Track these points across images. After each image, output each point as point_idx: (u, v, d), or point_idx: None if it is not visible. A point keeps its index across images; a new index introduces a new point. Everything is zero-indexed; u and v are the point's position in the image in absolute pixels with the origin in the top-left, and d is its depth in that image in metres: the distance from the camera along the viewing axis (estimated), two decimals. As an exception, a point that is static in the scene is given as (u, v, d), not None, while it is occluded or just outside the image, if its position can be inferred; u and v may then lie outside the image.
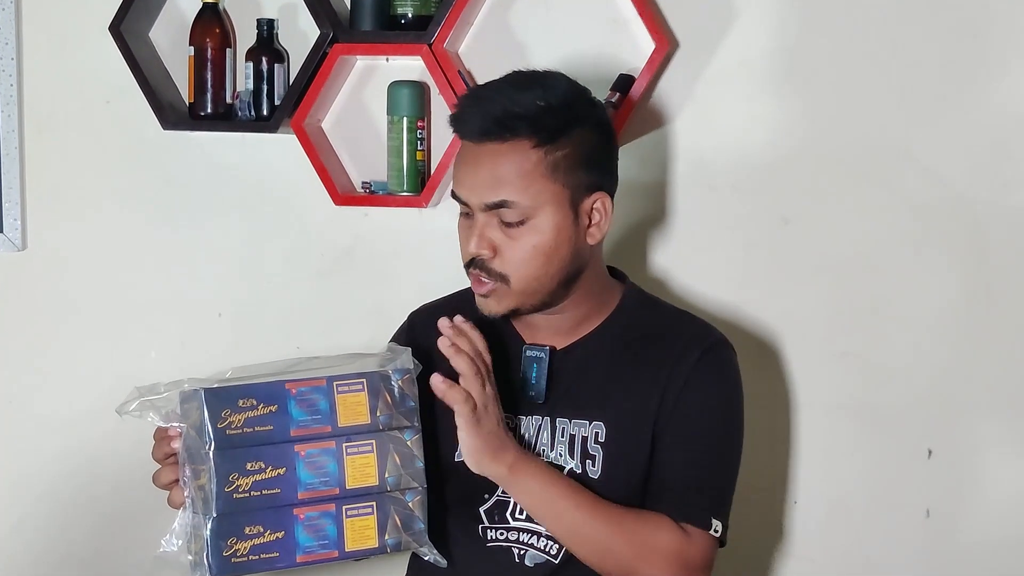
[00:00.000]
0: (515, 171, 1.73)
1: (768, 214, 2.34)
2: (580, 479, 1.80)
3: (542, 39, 2.35)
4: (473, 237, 1.76)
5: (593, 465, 1.80)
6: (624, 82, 2.27)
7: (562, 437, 1.82)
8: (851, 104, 2.31)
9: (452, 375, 1.74)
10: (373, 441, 1.68)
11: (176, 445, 1.66)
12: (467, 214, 1.79)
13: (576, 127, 1.76)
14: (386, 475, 1.69)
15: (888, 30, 2.28)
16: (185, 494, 1.65)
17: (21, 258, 2.55)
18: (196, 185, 2.50)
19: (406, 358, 1.73)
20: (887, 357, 2.33)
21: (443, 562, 1.74)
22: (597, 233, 1.80)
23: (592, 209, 1.79)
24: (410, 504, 1.71)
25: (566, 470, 1.81)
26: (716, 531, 1.79)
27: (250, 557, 1.62)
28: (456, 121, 1.79)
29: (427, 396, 1.81)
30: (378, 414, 1.69)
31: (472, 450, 1.72)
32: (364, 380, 1.69)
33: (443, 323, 1.72)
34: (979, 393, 2.31)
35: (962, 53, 2.27)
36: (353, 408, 1.68)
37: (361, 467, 1.68)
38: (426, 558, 1.73)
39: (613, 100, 2.25)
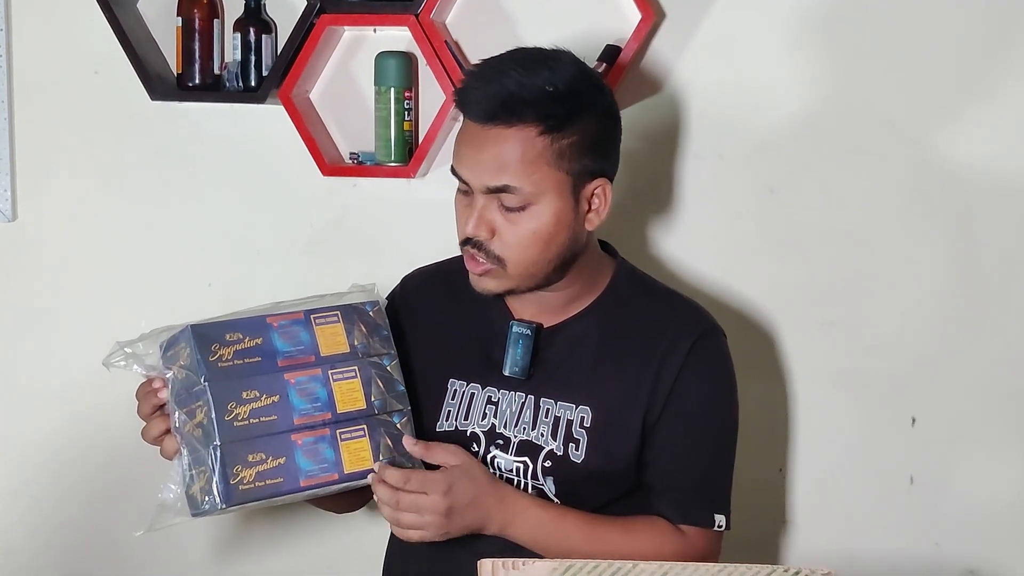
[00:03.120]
0: (519, 157, 1.72)
1: (754, 184, 2.35)
2: (562, 462, 1.81)
3: (529, 9, 2.35)
4: (472, 219, 1.76)
5: (576, 449, 1.81)
6: (611, 53, 2.27)
7: (546, 418, 1.83)
8: (839, 75, 2.31)
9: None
10: (356, 367, 1.75)
11: (163, 395, 1.69)
12: (466, 191, 1.79)
13: (583, 114, 1.75)
14: (372, 399, 1.75)
15: (880, 0, 2.29)
16: (179, 440, 1.67)
17: (11, 229, 2.56)
18: (184, 156, 2.50)
19: (373, 292, 1.83)
20: (872, 326, 2.34)
21: None
22: (596, 219, 1.80)
23: (592, 195, 1.79)
24: (398, 425, 1.77)
25: (546, 451, 1.82)
26: (720, 526, 1.82)
27: (256, 484, 1.66)
28: (461, 100, 1.77)
29: (409, 374, 1.86)
30: (355, 342, 1.76)
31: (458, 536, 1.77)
32: (338, 312, 1.77)
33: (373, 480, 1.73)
34: (962, 362, 2.33)
35: (957, 26, 2.27)
36: (332, 338, 1.75)
37: (348, 392, 1.74)
38: None
39: (600, 71, 2.25)
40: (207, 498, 1.65)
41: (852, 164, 2.32)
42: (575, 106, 1.74)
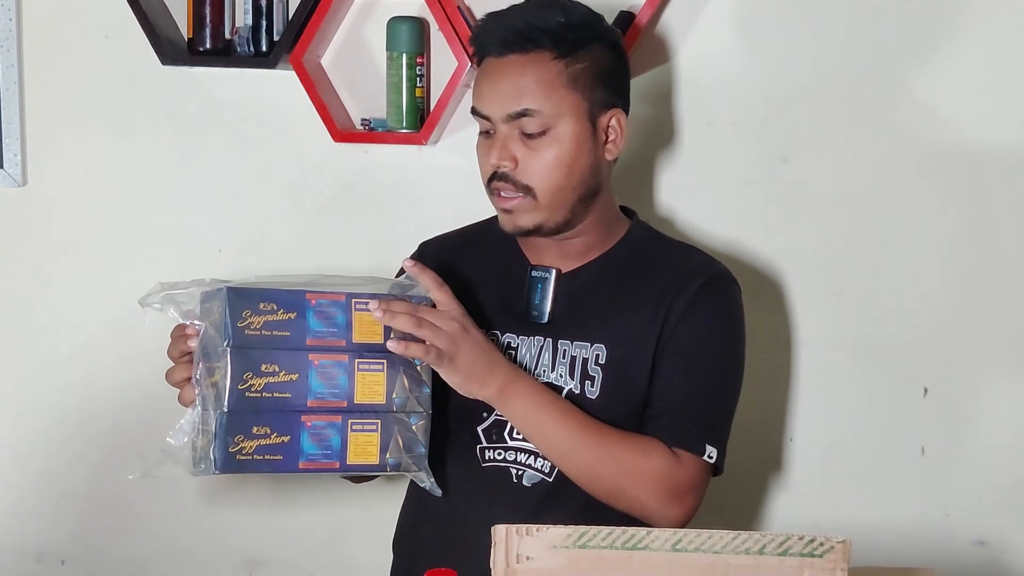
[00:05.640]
0: (537, 80, 1.78)
1: (767, 151, 2.34)
2: (578, 400, 1.83)
3: (543, -25, 2.34)
4: (495, 149, 1.80)
5: (592, 386, 1.83)
6: (625, 19, 2.27)
7: (563, 359, 1.85)
8: (852, 41, 2.31)
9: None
10: (384, 361, 1.71)
11: (193, 344, 1.69)
12: (487, 133, 1.83)
13: (594, 43, 1.82)
14: (394, 396, 1.71)
15: (891, -33, 2.28)
16: (196, 392, 1.67)
17: (22, 194, 2.55)
18: (195, 121, 2.50)
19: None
20: (884, 295, 2.34)
21: (438, 491, 1.76)
22: (614, 149, 1.85)
23: (608, 125, 1.84)
24: (414, 427, 1.74)
25: (565, 391, 1.84)
26: (710, 457, 1.81)
27: (254, 456, 1.64)
28: (477, 39, 1.84)
29: None
30: (392, 335, 1.71)
31: (456, 384, 1.74)
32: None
33: (372, 305, 1.69)
34: (975, 332, 2.33)
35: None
36: (368, 327, 1.70)
37: (370, 384, 1.70)
38: (422, 485, 1.76)
39: (613, 37, 2.25)
40: (204, 459, 1.65)
41: (864, 132, 2.32)
42: (586, 35, 1.82)
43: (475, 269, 1.92)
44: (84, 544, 2.60)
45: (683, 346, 1.83)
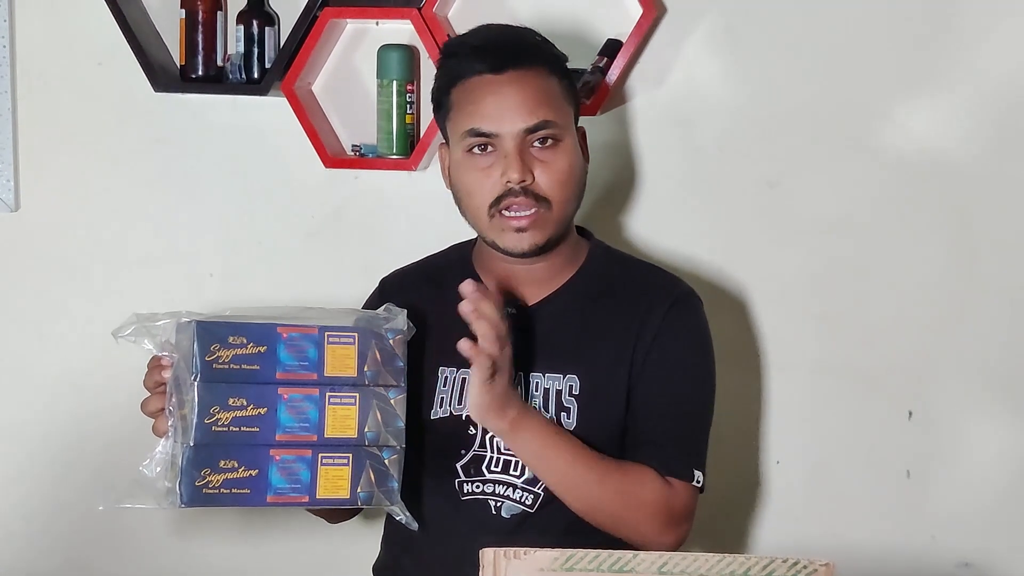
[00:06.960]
0: (547, 93, 1.81)
1: (754, 178, 2.36)
2: None
3: (530, 3, 2.36)
4: (514, 163, 1.78)
5: (568, 417, 1.83)
6: (612, 47, 2.29)
7: (536, 392, 1.85)
8: (838, 69, 2.33)
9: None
10: (356, 395, 1.69)
11: (167, 375, 1.69)
12: (482, 151, 1.81)
13: (564, 63, 1.88)
14: (366, 429, 1.70)
15: (873, -4, 2.31)
16: (169, 423, 1.67)
17: (14, 219, 2.56)
18: (187, 147, 2.51)
19: (401, 320, 1.75)
20: (869, 319, 2.36)
21: (414, 524, 1.75)
22: (587, 164, 1.89)
23: (581, 139, 1.89)
24: (386, 461, 1.72)
25: None
26: (698, 482, 1.83)
27: (221, 490, 1.64)
28: (463, 61, 1.82)
29: (414, 356, 1.83)
30: (366, 369, 1.69)
31: (479, 406, 1.74)
32: (356, 334, 1.70)
33: (466, 287, 1.71)
34: (960, 356, 2.34)
35: (946, 17, 2.29)
36: (341, 360, 1.69)
37: (341, 418, 1.69)
38: (398, 518, 1.75)
39: (601, 65, 2.27)
40: (171, 492, 1.65)
41: (850, 158, 2.34)
42: (560, 55, 1.87)
43: (439, 304, 1.88)
44: (74, 569, 2.60)
45: (659, 373, 1.84)
